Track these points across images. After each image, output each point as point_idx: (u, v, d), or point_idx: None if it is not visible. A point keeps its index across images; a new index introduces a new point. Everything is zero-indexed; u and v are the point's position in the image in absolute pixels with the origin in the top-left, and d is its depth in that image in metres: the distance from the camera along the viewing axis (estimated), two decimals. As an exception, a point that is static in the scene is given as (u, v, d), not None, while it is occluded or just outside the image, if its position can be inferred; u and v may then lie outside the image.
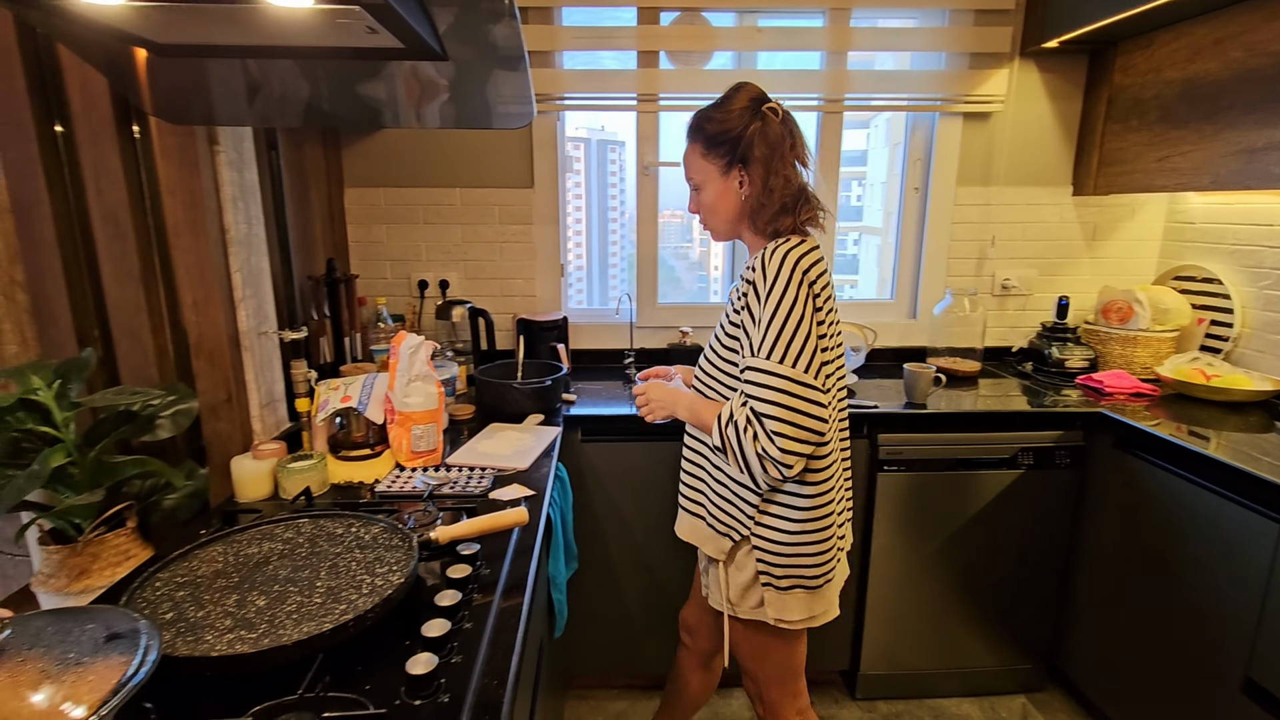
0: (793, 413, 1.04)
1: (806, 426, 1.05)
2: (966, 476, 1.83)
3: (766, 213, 1.14)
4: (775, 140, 1.12)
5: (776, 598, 1.17)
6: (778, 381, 1.05)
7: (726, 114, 1.14)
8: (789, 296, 1.05)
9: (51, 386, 1.08)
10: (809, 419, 1.05)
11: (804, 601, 1.17)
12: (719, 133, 1.14)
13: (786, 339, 1.05)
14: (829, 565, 1.18)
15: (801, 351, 1.05)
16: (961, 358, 2.16)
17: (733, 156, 1.14)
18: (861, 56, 2.21)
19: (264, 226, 1.49)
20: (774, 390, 1.05)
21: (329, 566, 0.91)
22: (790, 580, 1.16)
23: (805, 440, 1.05)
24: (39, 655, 0.60)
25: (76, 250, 1.27)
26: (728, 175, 1.16)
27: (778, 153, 1.12)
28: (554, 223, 2.21)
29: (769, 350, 1.06)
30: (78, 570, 1.10)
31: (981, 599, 1.91)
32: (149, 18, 0.82)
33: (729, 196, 1.17)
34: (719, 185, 1.17)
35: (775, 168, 1.12)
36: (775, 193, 1.12)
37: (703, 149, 1.17)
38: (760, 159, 1.12)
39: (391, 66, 1.18)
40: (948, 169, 2.21)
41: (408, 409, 1.40)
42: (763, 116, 1.13)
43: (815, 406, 1.05)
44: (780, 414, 1.04)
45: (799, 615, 1.18)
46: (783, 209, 1.13)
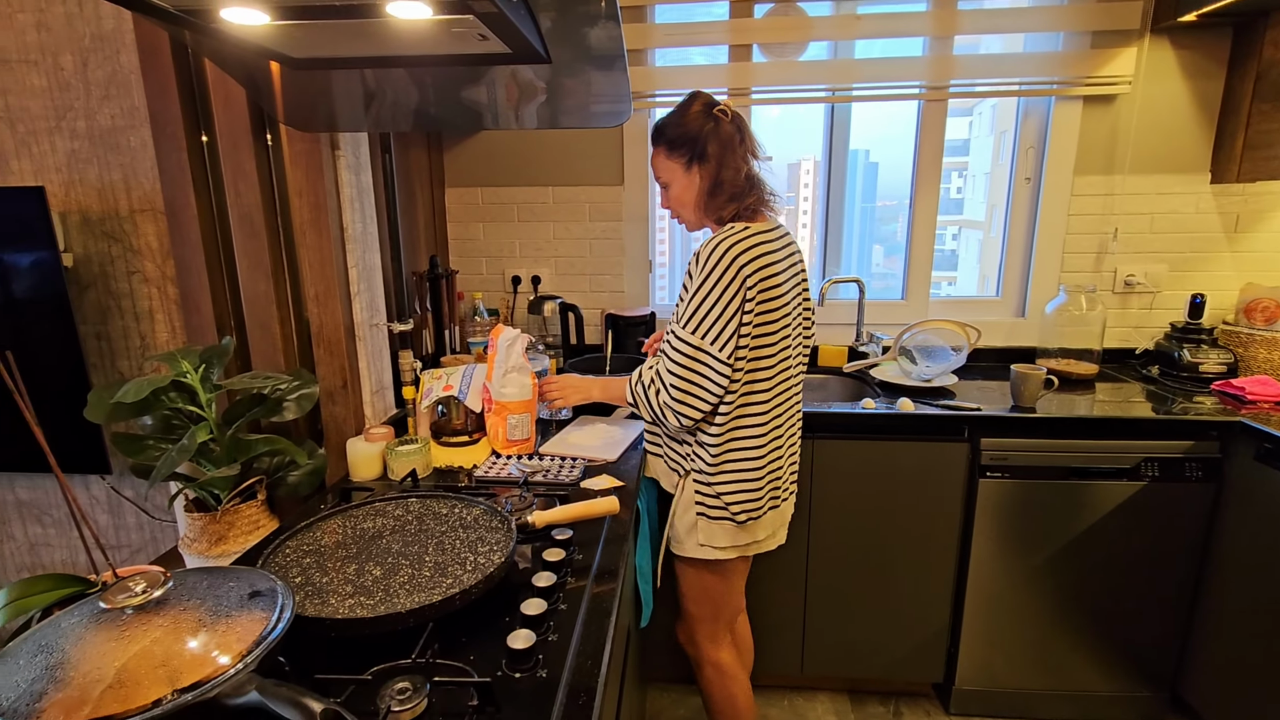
0: (694, 374, 1.24)
1: (704, 389, 1.25)
2: (1079, 486, 1.70)
3: (718, 201, 1.31)
4: (726, 138, 1.30)
5: (706, 525, 1.37)
6: (685, 348, 1.24)
7: (685, 119, 1.32)
8: (714, 278, 1.22)
9: (198, 370, 1.20)
10: (706, 382, 1.25)
11: (730, 533, 1.36)
12: (679, 135, 1.32)
13: (703, 314, 1.23)
14: (754, 505, 1.34)
15: (713, 325, 1.23)
16: (1076, 359, 2.01)
17: (692, 154, 1.31)
18: (967, 40, 2.10)
19: (376, 225, 1.59)
20: (683, 355, 1.25)
21: (435, 543, 0.97)
22: (718, 511, 1.34)
23: (701, 400, 1.25)
24: (195, 606, 0.68)
25: (217, 248, 1.41)
26: (689, 171, 1.33)
27: (728, 149, 1.30)
28: (643, 220, 2.23)
29: (686, 321, 1.25)
30: (217, 536, 1.22)
31: (1094, 618, 1.78)
32: (288, 34, 0.89)
33: (691, 190, 1.34)
34: (683, 180, 1.34)
35: (726, 162, 1.30)
36: (725, 184, 1.30)
37: (666, 151, 1.34)
38: (714, 155, 1.29)
39: (494, 71, 1.23)
40: (1064, 157, 2.06)
41: (504, 399, 1.46)
42: (715, 119, 1.30)
43: (714, 374, 1.24)
44: (683, 375, 1.25)
45: (724, 543, 1.37)
46: (731, 197, 1.30)
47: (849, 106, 2.19)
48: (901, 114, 2.22)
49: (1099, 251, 2.12)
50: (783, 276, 1.29)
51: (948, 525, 1.78)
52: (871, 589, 1.85)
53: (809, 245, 2.49)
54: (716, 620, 1.50)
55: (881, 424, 1.74)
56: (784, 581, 1.87)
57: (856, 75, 2.04)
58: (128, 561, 1.74)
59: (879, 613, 1.87)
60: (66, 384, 1.49)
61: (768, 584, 1.87)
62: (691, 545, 1.40)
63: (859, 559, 1.83)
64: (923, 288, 2.23)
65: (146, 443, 1.22)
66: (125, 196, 1.53)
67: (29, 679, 0.60)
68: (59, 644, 0.63)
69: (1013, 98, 2.10)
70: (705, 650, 1.51)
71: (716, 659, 1.51)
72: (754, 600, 1.85)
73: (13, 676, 0.60)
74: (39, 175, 1.53)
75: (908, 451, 1.74)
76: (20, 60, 1.47)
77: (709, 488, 1.34)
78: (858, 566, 1.84)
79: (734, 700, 1.52)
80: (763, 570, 1.85)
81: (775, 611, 1.89)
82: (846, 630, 1.89)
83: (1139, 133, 2.03)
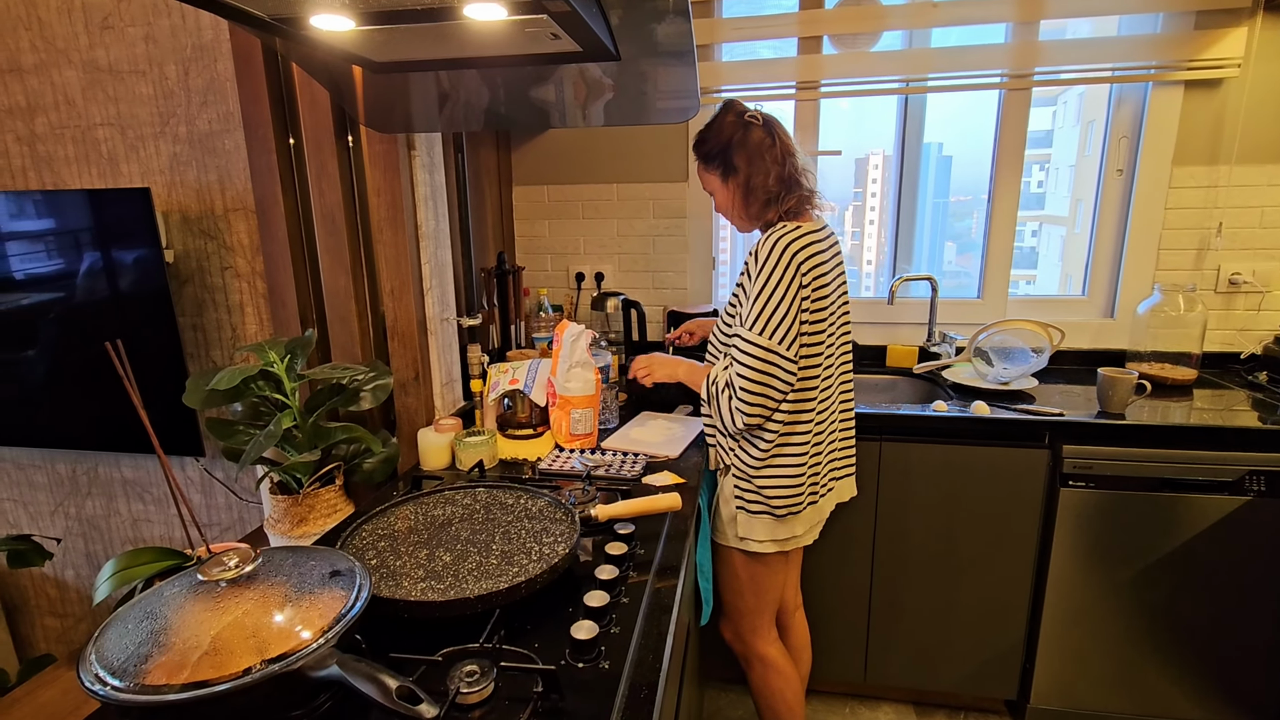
0: (765, 376, 1.25)
1: (774, 389, 1.26)
2: (1172, 499, 1.59)
3: (754, 207, 1.34)
4: (754, 145, 1.32)
5: (746, 519, 1.38)
6: (755, 350, 1.25)
7: (716, 133, 1.35)
8: (774, 277, 1.24)
9: (283, 360, 1.27)
10: (775, 382, 1.26)
11: (769, 527, 1.37)
12: (712, 148, 1.36)
13: (769, 314, 1.24)
14: (794, 500, 1.35)
15: (780, 325, 1.24)
16: (1171, 363, 1.88)
17: (725, 166, 1.35)
18: (1052, 25, 1.99)
19: (448, 222, 1.64)
20: (751, 358, 1.26)
21: (502, 532, 0.99)
22: (758, 505, 1.35)
23: (770, 401, 1.27)
24: (282, 582, 0.71)
25: (301, 245, 1.48)
26: (726, 182, 1.36)
27: (756, 156, 1.32)
28: (707, 216, 2.22)
29: (752, 323, 1.26)
30: (298, 518, 1.29)
31: (1187, 640, 1.66)
32: (371, 38, 0.93)
33: (734, 197, 1.37)
34: (722, 190, 1.38)
35: (755, 169, 1.32)
36: (757, 190, 1.33)
37: (702, 165, 1.39)
38: (741, 165, 1.33)
39: (562, 70, 1.25)
40: (1162, 147, 1.93)
41: (568, 393, 1.48)
42: (745, 126, 1.33)
43: (782, 373, 1.26)
44: (755, 379, 1.25)
45: (763, 536, 1.38)
46: (766, 202, 1.33)
47: (923, 98, 2.11)
48: (978, 105, 2.12)
49: (1200, 248, 1.97)
50: (830, 275, 1.32)
51: (1024, 535, 1.69)
52: (940, 598, 1.78)
53: (877, 242, 2.42)
54: (758, 613, 1.49)
55: (954, 427, 1.67)
56: (847, 586, 1.83)
57: (932, 65, 1.96)
58: (217, 539, 1.86)
59: (948, 623, 1.80)
60: (166, 372, 1.60)
61: (830, 588, 1.83)
62: (730, 536, 1.42)
63: (927, 566, 1.77)
64: (1000, 286, 2.13)
65: (236, 428, 1.30)
66: (220, 196, 1.63)
67: (137, 642, 0.64)
68: (162, 611, 0.68)
69: (1104, 85, 1.98)
70: (751, 644, 1.51)
71: (763, 653, 1.51)
72: (815, 604, 1.82)
73: (123, 640, 0.65)
74: (145, 177, 1.65)
75: (982, 457, 1.67)
76: (130, 71, 1.59)
77: (749, 482, 1.36)
78: (926, 574, 1.78)
79: (781, 696, 1.51)
80: (824, 574, 1.82)
81: (837, 616, 1.85)
82: (913, 639, 1.83)
83: (1248, 119, 1.87)
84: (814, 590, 1.82)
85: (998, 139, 2.05)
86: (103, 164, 1.67)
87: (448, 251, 1.63)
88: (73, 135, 1.66)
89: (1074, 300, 2.14)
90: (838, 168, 2.21)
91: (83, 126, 1.65)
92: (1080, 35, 1.98)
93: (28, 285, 1.66)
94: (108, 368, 1.02)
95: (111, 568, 1.04)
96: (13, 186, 1.73)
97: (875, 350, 2.17)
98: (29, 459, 1.93)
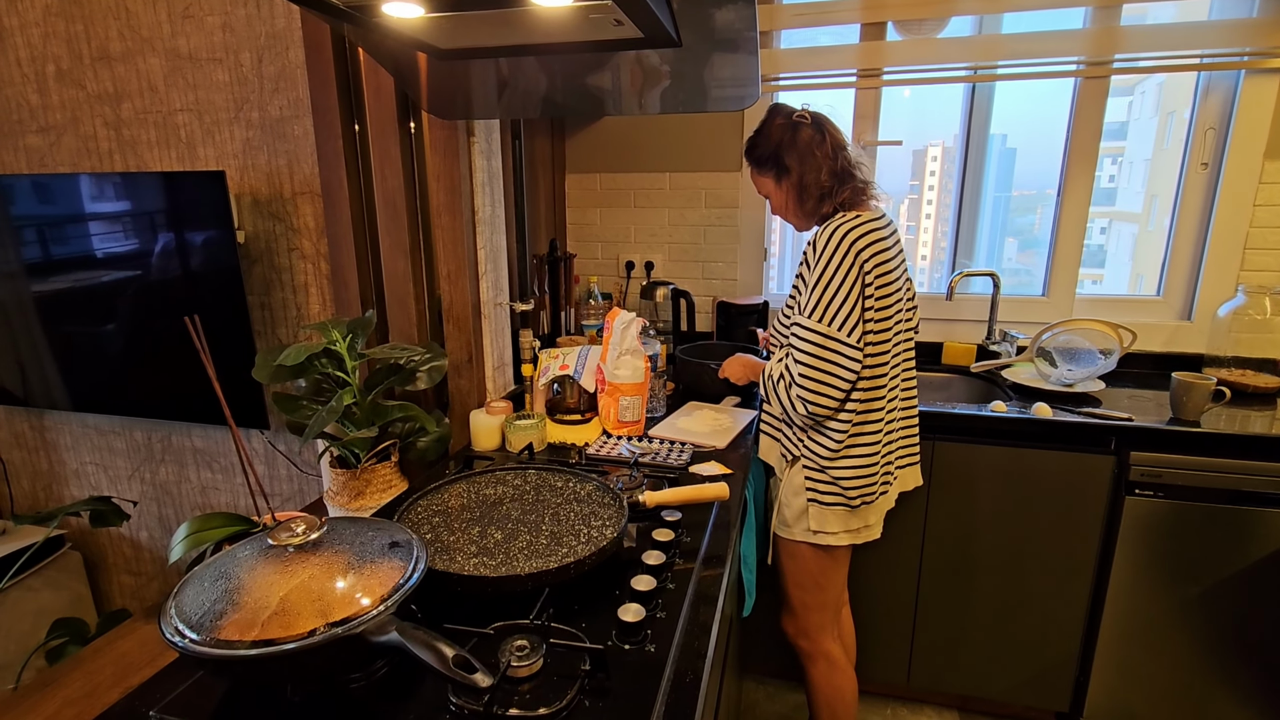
0: (823, 362, 1.25)
1: (837, 376, 1.25)
2: (1248, 513, 1.50)
3: (809, 204, 1.35)
4: (804, 145, 1.33)
5: (819, 511, 1.36)
6: (814, 337, 1.25)
7: (765, 137, 1.37)
8: (834, 264, 1.24)
9: (345, 339, 1.31)
10: (838, 369, 1.25)
11: (842, 518, 1.36)
12: (762, 154, 1.38)
13: (827, 300, 1.24)
14: (868, 490, 1.34)
15: (839, 311, 1.24)
16: (1254, 370, 1.77)
17: (777, 168, 1.37)
18: (1134, 10, 1.88)
19: (503, 209, 1.67)
20: (810, 344, 1.26)
21: (551, 514, 1.01)
22: (833, 497, 1.35)
23: (834, 389, 1.26)
24: (345, 550, 0.74)
25: (363, 228, 1.53)
26: (780, 182, 1.38)
27: (808, 154, 1.33)
28: (759, 207, 2.19)
29: (812, 309, 1.26)
30: (356, 491, 1.33)
31: (1253, 663, 1.57)
32: (438, 25, 0.95)
33: (788, 197, 1.39)
34: (776, 193, 1.40)
35: (808, 166, 1.33)
36: (810, 187, 1.34)
37: (756, 170, 1.42)
38: (793, 165, 1.34)
39: (619, 56, 1.25)
40: (1253, 139, 1.81)
41: (617, 380, 1.49)
42: (793, 127, 1.34)
43: (846, 360, 1.25)
44: (814, 364, 1.25)
45: (837, 528, 1.37)
46: (820, 198, 1.34)
47: (991, 87, 2.03)
48: (1045, 95, 2.03)
49: (1291, 248, 1.85)
50: (894, 263, 1.31)
51: (1084, 543, 1.63)
52: (991, 603, 1.73)
53: (933, 236, 2.35)
54: (825, 609, 1.48)
55: (1013, 429, 1.62)
56: (893, 586, 1.79)
57: (1003, 52, 1.89)
58: (278, 508, 1.94)
59: (998, 629, 1.75)
60: (235, 347, 1.68)
61: (876, 587, 1.80)
62: (800, 530, 1.41)
63: (978, 570, 1.72)
64: (1068, 284, 2.04)
65: (300, 402, 1.36)
66: (289, 180, 1.69)
67: (212, 599, 0.68)
68: (235, 572, 0.71)
69: (1190, 73, 1.86)
70: (818, 641, 1.49)
71: (829, 651, 1.49)
72: (859, 603, 1.79)
73: (200, 596, 0.69)
74: (220, 161, 1.73)
75: (1041, 461, 1.61)
76: (209, 59, 1.66)
77: (822, 473, 1.35)
78: (976, 578, 1.73)
79: (842, 693, 1.50)
80: (870, 573, 1.79)
81: (882, 616, 1.82)
82: (960, 643, 1.79)
83: (1353, 110, 1.74)
84: (859, 589, 1.79)
85: (1070, 130, 1.96)
86: (181, 148, 1.75)
87: (502, 237, 1.65)
88: (155, 120, 1.75)
89: (1148, 300, 2.04)
90: (895, 159, 2.15)
91: (164, 112, 1.73)
92: (1164, 20, 1.87)
93: (109, 263, 1.76)
94: (182, 342, 1.07)
95: (185, 530, 1.10)
96: (100, 169, 1.83)
97: (930, 347, 2.11)
98: (109, 425, 2.06)
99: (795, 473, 1.40)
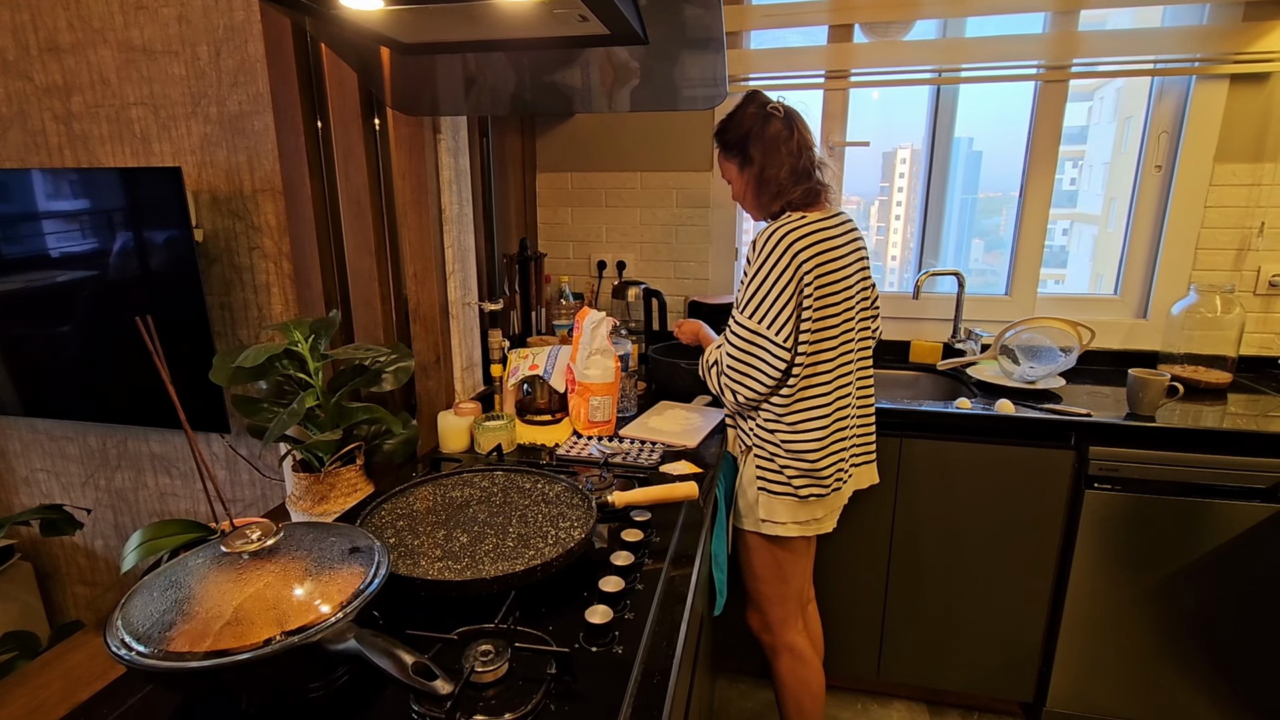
0: (750, 357, 1.29)
1: (761, 370, 1.29)
2: (1201, 505, 1.55)
3: (766, 195, 1.36)
4: (771, 137, 1.33)
5: (767, 501, 1.39)
6: (744, 332, 1.29)
7: (736, 123, 1.37)
8: (768, 265, 1.26)
9: (308, 340, 1.28)
10: (763, 365, 1.28)
11: (790, 508, 1.38)
12: (730, 139, 1.38)
13: (759, 299, 1.27)
14: (818, 484, 1.36)
15: (769, 310, 1.26)
16: (1206, 366, 1.83)
17: (742, 156, 1.37)
18: (1094, 15, 1.93)
19: (472, 207, 1.64)
20: (740, 339, 1.30)
21: (519, 516, 0.99)
22: (780, 487, 1.37)
23: (756, 382, 1.30)
24: (303, 556, 0.72)
25: (327, 226, 1.50)
26: (743, 170, 1.38)
27: (772, 148, 1.33)
28: (731, 206, 2.19)
29: (744, 306, 1.30)
30: (319, 495, 1.30)
31: (1209, 649, 1.63)
32: (400, 19, 0.93)
33: (749, 187, 1.39)
34: (738, 180, 1.41)
35: (770, 160, 1.33)
36: (769, 181, 1.34)
37: (722, 153, 1.42)
38: (756, 156, 1.34)
39: (588, 54, 1.24)
40: (1204, 143, 1.87)
41: (587, 380, 1.48)
42: (765, 118, 1.34)
43: (771, 357, 1.28)
44: (740, 357, 1.30)
45: (785, 518, 1.38)
46: (775, 194, 1.35)
47: (956, 90, 2.07)
48: (1009, 99, 2.08)
49: (1240, 248, 1.91)
50: (843, 262, 1.33)
51: (1046, 536, 1.67)
52: (958, 597, 1.76)
53: (902, 237, 2.38)
54: (787, 602, 1.49)
55: (978, 425, 1.64)
56: (862, 581, 1.81)
57: (967, 55, 1.92)
58: (240, 514, 1.89)
59: (965, 622, 1.78)
60: (193, 349, 1.63)
61: (845, 583, 1.82)
62: (753, 520, 1.43)
63: (945, 564, 1.75)
64: (1030, 283, 2.09)
65: (261, 405, 1.32)
66: (249, 177, 1.65)
67: (161, 610, 0.66)
68: (186, 581, 0.69)
69: (1144, 78, 1.92)
70: (781, 635, 1.51)
71: (793, 643, 1.51)
72: (829, 598, 1.81)
73: (149, 606, 0.66)
74: (176, 157, 1.68)
75: (1005, 456, 1.64)
76: (164, 51, 1.61)
77: (771, 461, 1.37)
78: (944, 572, 1.76)
79: (808, 686, 1.51)
80: (840, 568, 1.80)
81: (851, 612, 1.84)
82: (928, 638, 1.81)
83: (1297, 115, 1.81)
84: (828, 585, 1.81)
85: (1031, 133, 2.01)
86: (136, 143, 1.69)
87: (471, 236, 1.63)
88: (107, 114, 1.69)
89: (1105, 299, 2.09)
90: (865, 161, 2.17)
91: (117, 106, 1.68)
92: (1122, 27, 1.92)
93: (62, 262, 1.70)
94: (138, 344, 1.04)
95: (139, 538, 1.06)
96: (50, 164, 1.76)
97: (898, 345, 2.14)
98: (62, 431, 1.98)
99: (749, 462, 1.41)
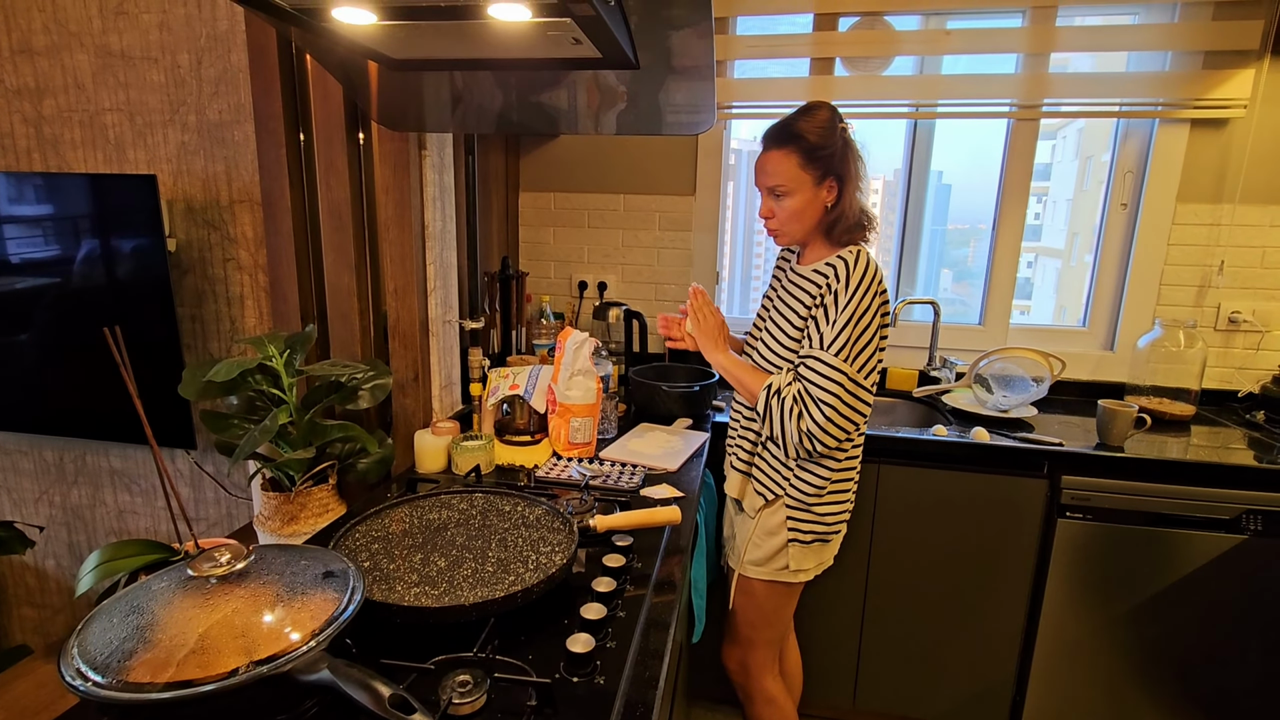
0: (843, 405, 1.19)
1: (849, 418, 1.21)
2: (1169, 535, 1.59)
3: (843, 225, 1.25)
4: (854, 164, 1.24)
5: (799, 551, 1.34)
6: (838, 376, 1.19)
7: (820, 128, 1.21)
8: (864, 303, 1.19)
9: (282, 355, 1.25)
10: (854, 413, 1.21)
11: (816, 553, 1.35)
12: (819, 144, 1.21)
13: (853, 340, 1.19)
14: (843, 521, 1.36)
15: (861, 353, 1.20)
16: (1170, 399, 1.88)
17: (828, 170, 1.23)
18: (1062, 59, 2.01)
19: (455, 224, 1.63)
20: (832, 383, 1.19)
21: (498, 540, 0.97)
22: (812, 535, 1.33)
23: (845, 429, 1.21)
24: (273, 581, 0.70)
25: (306, 240, 1.47)
26: (819, 186, 1.24)
27: (857, 175, 1.25)
28: (713, 230, 2.22)
29: (838, 347, 1.19)
30: (289, 516, 1.26)
31: (1179, 676, 1.65)
32: (391, 34, 0.93)
33: (815, 206, 1.26)
34: (809, 195, 1.25)
35: (854, 185, 1.25)
36: (852, 208, 1.25)
37: (801, 159, 1.23)
38: (849, 176, 1.24)
39: (578, 76, 1.24)
40: (1166, 183, 1.94)
41: (569, 401, 1.46)
42: (847, 142, 1.24)
43: (861, 404, 1.21)
44: (834, 404, 1.19)
45: (810, 564, 1.36)
46: (856, 224, 1.26)
47: (932, 125, 2.13)
48: (977, 135, 2.14)
49: (1201, 285, 1.98)
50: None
51: (1019, 565, 1.68)
52: (933, 626, 1.77)
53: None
54: (771, 645, 1.47)
55: (953, 453, 1.66)
56: (839, 610, 1.81)
57: (943, 92, 1.98)
58: (204, 534, 1.82)
59: (940, 652, 1.78)
60: (162, 362, 1.58)
61: (822, 611, 1.81)
62: (771, 570, 1.37)
63: (921, 593, 1.75)
64: (1002, 314, 2.13)
65: (231, 421, 1.28)
66: (226, 187, 1.62)
67: (121, 637, 0.62)
68: (149, 606, 0.66)
69: (1108, 120, 1.99)
70: (760, 681, 1.48)
71: (770, 692, 1.48)
72: (806, 627, 1.80)
73: (107, 634, 0.63)
74: (152, 165, 1.64)
75: (980, 484, 1.66)
76: (143, 57, 1.58)
77: (807, 510, 1.32)
78: (919, 601, 1.76)
79: None
80: (817, 597, 1.80)
81: (829, 640, 1.83)
82: (904, 667, 1.81)
83: (1253, 160, 1.89)
84: (805, 613, 1.79)
85: (1004, 168, 2.07)
86: (109, 149, 1.66)
87: (453, 253, 1.61)
88: (80, 119, 1.65)
89: (1074, 331, 2.15)
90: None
91: (91, 111, 1.64)
92: (1089, 70, 2.00)
93: (23, 269, 1.64)
94: (101, 354, 1.00)
95: (96, 558, 1.01)
96: (16, 167, 1.71)
97: (875, 372, 2.16)
98: (15, 444, 1.90)
99: (773, 513, 1.35)
